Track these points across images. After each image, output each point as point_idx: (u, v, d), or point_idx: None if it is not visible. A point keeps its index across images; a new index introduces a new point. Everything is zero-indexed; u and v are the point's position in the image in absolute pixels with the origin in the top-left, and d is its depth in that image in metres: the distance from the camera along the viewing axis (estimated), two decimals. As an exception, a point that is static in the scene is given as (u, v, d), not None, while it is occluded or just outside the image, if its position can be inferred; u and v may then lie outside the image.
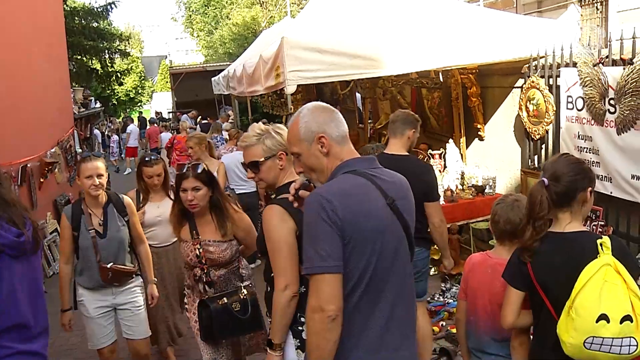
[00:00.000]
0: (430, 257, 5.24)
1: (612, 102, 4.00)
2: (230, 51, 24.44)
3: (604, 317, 1.82)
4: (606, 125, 4.09)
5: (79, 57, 18.79)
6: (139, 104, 37.90)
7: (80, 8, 20.22)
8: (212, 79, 10.37)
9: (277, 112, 10.87)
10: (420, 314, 3.27)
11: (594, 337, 1.83)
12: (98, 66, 20.35)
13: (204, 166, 3.04)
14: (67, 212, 3.39)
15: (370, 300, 1.78)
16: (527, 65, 5.10)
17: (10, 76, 7.19)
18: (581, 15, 4.97)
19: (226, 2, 29.94)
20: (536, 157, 5.19)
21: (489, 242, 5.27)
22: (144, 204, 4.02)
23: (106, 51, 20.06)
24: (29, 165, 7.20)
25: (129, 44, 25.88)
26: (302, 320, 2.18)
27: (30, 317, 1.75)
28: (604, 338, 1.82)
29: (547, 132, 4.93)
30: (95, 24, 19.83)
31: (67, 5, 17.21)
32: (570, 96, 4.51)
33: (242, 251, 3.15)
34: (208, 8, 32.09)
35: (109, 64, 20.59)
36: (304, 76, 4.50)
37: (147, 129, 17.98)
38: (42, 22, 9.33)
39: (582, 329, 1.85)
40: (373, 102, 8.74)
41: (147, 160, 4.01)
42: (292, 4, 22.18)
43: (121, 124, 22.87)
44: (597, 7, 4.72)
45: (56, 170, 8.64)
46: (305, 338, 1.91)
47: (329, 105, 1.98)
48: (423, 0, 5.23)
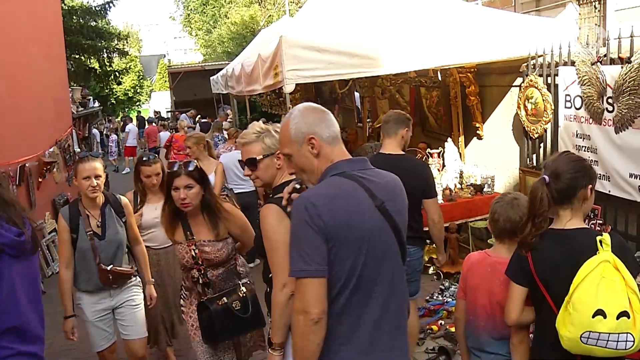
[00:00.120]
0: (426, 257, 5.29)
1: (610, 100, 4.00)
2: (229, 50, 24.41)
3: (600, 313, 1.84)
4: (604, 124, 4.09)
5: (77, 56, 18.76)
6: (137, 103, 37.78)
7: (78, 7, 20.18)
8: (211, 78, 10.36)
9: (275, 111, 10.88)
10: (411, 313, 3.27)
11: (590, 331, 1.86)
12: (96, 65, 20.33)
13: (196, 163, 2.97)
14: (65, 214, 3.28)
15: (359, 302, 1.79)
16: (526, 64, 5.10)
17: (10, 76, 7.18)
18: (579, 14, 4.99)
19: (225, 1, 29.93)
20: (534, 156, 5.19)
21: (488, 241, 5.26)
22: (141, 205, 3.95)
23: (104, 50, 20.02)
24: (27, 165, 7.18)
25: (127, 43, 25.77)
26: None
27: (30, 317, 1.74)
28: (600, 333, 1.85)
29: (545, 130, 4.94)
30: (93, 23, 19.77)
31: (64, 4, 17.19)
32: (569, 95, 4.52)
33: (239, 248, 3.10)
34: (206, 7, 32.07)
35: (107, 63, 20.55)
36: (302, 75, 4.50)
37: (145, 128, 17.97)
38: (42, 22, 9.32)
39: (579, 323, 1.88)
40: (372, 101, 8.74)
41: (145, 160, 3.94)
42: (291, 2, 22.20)
43: (120, 123, 22.85)
44: (595, 6, 4.73)
45: (54, 169, 8.61)
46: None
47: (319, 106, 1.98)
48: (421, -1, 5.24)
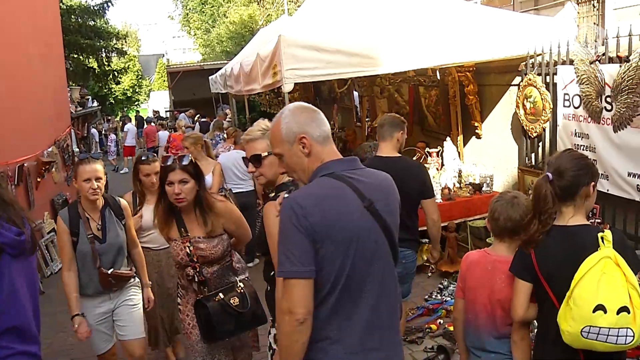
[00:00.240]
0: (424, 256, 5.29)
1: (608, 99, 4.01)
2: (228, 49, 24.37)
3: (601, 308, 1.87)
4: (603, 122, 4.09)
5: (75, 55, 18.70)
6: (136, 102, 37.73)
7: (76, 6, 20.14)
8: (210, 77, 10.35)
9: (274, 110, 10.87)
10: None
11: (590, 326, 1.88)
12: (95, 65, 20.29)
13: (191, 157, 2.93)
14: (64, 216, 3.20)
15: (348, 303, 1.80)
16: (524, 63, 5.10)
17: (9, 76, 7.17)
18: (578, 13, 5.00)
19: (223, 1, 29.87)
20: (533, 154, 5.19)
21: (487, 240, 5.27)
22: (140, 206, 3.92)
23: (103, 50, 19.97)
24: (25, 165, 7.18)
25: (125, 42, 25.77)
26: None
27: (30, 317, 1.74)
28: (600, 328, 1.87)
29: (544, 129, 4.94)
30: (91, 23, 19.73)
31: (63, 4, 17.14)
32: (567, 94, 4.52)
33: (234, 244, 3.07)
34: (205, 6, 32.01)
35: (105, 63, 20.51)
36: (301, 74, 4.49)
37: (144, 128, 17.95)
38: (41, 22, 9.31)
39: (580, 318, 1.90)
40: (370, 100, 8.74)
41: (144, 159, 3.91)
42: (289, 2, 22.17)
43: (119, 123, 22.83)
44: (593, 5, 4.74)
45: (53, 169, 8.61)
46: None
47: (310, 106, 1.98)
48: (420, -2, 5.23)
